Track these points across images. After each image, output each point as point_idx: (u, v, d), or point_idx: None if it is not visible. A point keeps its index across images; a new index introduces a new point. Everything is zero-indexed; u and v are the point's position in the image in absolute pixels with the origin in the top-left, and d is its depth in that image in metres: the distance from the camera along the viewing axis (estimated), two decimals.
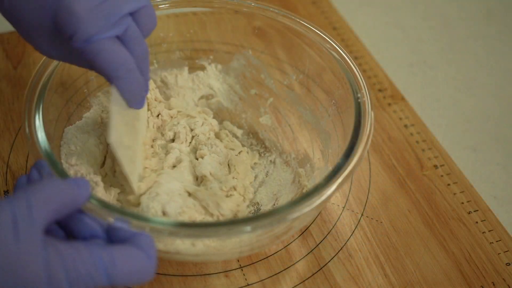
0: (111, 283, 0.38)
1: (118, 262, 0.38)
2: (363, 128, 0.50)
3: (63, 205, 0.39)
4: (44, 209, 0.37)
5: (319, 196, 0.46)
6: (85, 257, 0.37)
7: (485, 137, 0.70)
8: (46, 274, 0.35)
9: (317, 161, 0.59)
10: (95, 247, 0.38)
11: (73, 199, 0.40)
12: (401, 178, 0.63)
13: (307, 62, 0.60)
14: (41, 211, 0.36)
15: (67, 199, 0.39)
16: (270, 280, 0.54)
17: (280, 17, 0.59)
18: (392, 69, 0.76)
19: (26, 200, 0.36)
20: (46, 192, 0.37)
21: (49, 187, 0.38)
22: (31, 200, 0.36)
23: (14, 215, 0.35)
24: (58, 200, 0.38)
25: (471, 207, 0.61)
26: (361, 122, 0.51)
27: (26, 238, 0.35)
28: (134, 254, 0.39)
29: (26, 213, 0.36)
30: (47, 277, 0.35)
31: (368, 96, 0.53)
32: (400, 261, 0.56)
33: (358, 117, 0.51)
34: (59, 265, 0.36)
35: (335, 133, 0.56)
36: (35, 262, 0.35)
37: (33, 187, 0.37)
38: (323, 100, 0.59)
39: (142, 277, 0.39)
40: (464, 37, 0.83)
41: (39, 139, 0.48)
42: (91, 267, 0.37)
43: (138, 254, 0.39)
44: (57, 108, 0.54)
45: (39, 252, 0.35)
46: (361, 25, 0.82)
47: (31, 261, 0.35)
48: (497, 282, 0.56)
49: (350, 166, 0.48)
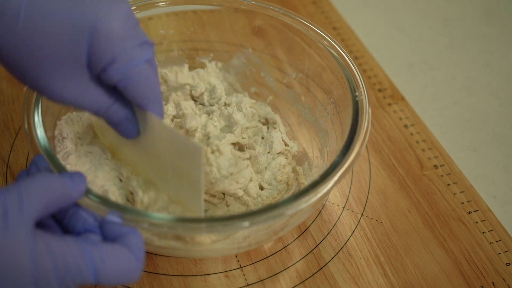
0: (97, 281, 0.38)
1: (108, 260, 0.38)
2: (360, 125, 0.51)
3: (55, 199, 0.39)
4: (35, 202, 0.37)
5: (316, 192, 0.46)
6: (75, 252, 0.37)
7: (485, 137, 0.70)
8: (33, 265, 0.35)
9: (315, 159, 0.59)
10: (86, 243, 0.38)
11: (66, 194, 0.40)
12: (401, 178, 0.63)
13: (307, 61, 0.60)
14: (31, 204, 0.36)
15: (59, 193, 0.39)
16: (270, 280, 0.54)
17: (280, 15, 0.59)
18: (392, 69, 0.76)
19: (17, 192, 0.36)
20: (38, 186, 0.38)
21: (42, 181, 0.38)
22: (22, 192, 0.36)
23: (4, 206, 0.35)
24: (49, 194, 0.38)
25: (471, 207, 0.61)
26: (358, 119, 0.51)
27: (14, 228, 0.35)
28: (124, 255, 0.39)
29: (17, 205, 0.36)
30: (35, 269, 0.35)
31: (365, 94, 0.53)
32: (400, 261, 0.56)
33: (356, 115, 0.52)
34: (48, 258, 0.36)
35: (333, 132, 0.57)
36: (22, 253, 0.35)
37: (26, 180, 0.38)
38: (322, 98, 0.59)
39: (128, 277, 0.39)
40: (464, 37, 0.83)
41: (38, 135, 0.48)
42: (80, 262, 0.37)
43: (128, 255, 0.39)
44: (57, 106, 0.54)
45: (27, 244, 0.35)
46: (361, 25, 0.82)
47: (19, 252, 0.35)
48: (497, 282, 0.55)
49: (347, 163, 0.48)
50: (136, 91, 0.43)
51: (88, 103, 0.43)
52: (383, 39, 0.82)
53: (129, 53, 0.42)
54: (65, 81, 0.42)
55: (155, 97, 0.45)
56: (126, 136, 0.47)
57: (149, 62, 0.43)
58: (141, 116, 0.46)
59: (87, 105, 0.44)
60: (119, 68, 0.41)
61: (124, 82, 0.42)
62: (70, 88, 0.42)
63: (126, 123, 0.46)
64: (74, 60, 0.41)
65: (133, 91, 0.43)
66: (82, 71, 0.42)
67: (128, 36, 0.41)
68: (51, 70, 0.41)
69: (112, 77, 0.42)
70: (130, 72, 0.42)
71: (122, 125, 0.46)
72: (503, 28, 0.85)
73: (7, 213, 0.35)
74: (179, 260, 0.55)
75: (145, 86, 0.43)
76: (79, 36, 0.40)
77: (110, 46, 0.41)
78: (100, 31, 0.40)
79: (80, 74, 0.42)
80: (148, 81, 0.43)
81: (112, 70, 0.42)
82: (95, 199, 0.43)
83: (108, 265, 0.38)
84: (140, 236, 0.41)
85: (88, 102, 0.43)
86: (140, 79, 0.43)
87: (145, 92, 0.44)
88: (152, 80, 0.44)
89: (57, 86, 0.42)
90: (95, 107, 0.44)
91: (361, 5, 0.87)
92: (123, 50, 0.41)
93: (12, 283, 0.35)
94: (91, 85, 0.43)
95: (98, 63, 0.41)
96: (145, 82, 0.43)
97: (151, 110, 0.45)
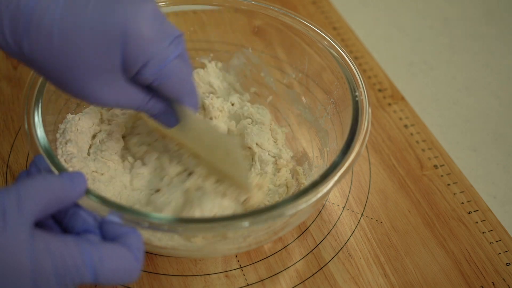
0: (96, 281, 0.38)
1: (107, 260, 0.38)
2: (360, 125, 0.51)
3: (54, 199, 0.39)
4: (34, 202, 0.37)
5: (316, 192, 0.46)
6: (74, 252, 0.37)
7: (485, 137, 0.70)
8: (32, 265, 0.35)
9: (316, 159, 0.59)
10: (85, 243, 0.38)
11: (66, 194, 0.40)
12: (401, 178, 0.63)
13: (307, 61, 0.60)
14: (30, 204, 0.37)
15: (59, 194, 0.39)
16: (270, 280, 0.54)
17: (280, 15, 0.59)
18: (392, 69, 0.76)
19: (16, 193, 0.36)
20: (37, 186, 0.38)
21: (41, 181, 0.38)
22: (21, 193, 0.37)
23: (3, 206, 0.36)
24: (49, 195, 0.38)
25: (471, 207, 0.61)
26: (358, 119, 0.51)
27: (13, 229, 0.35)
28: (123, 255, 0.39)
29: (15, 205, 0.36)
30: (33, 269, 0.35)
31: (365, 94, 0.53)
32: (400, 261, 0.56)
33: (356, 115, 0.51)
34: (47, 257, 0.36)
35: (333, 132, 0.56)
36: (21, 252, 0.35)
37: (25, 181, 0.38)
38: (322, 99, 0.59)
39: (127, 277, 0.39)
40: (464, 37, 0.83)
41: (38, 135, 0.48)
42: (79, 262, 0.37)
43: (127, 255, 0.39)
44: (57, 106, 0.54)
45: (26, 243, 0.35)
46: (361, 25, 0.82)
47: (18, 251, 0.35)
48: (497, 282, 0.55)
49: (347, 163, 0.48)
50: (170, 87, 0.45)
51: (127, 102, 0.46)
52: (383, 39, 0.82)
53: (160, 54, 0.42)
54: (104, 86, 0.43)
55: (188, 90, 0.47)
56: (165, 126, 0.50)
57: (180, 56, 0.44)
58: (178, 107, 0.48)
59: (126, 105, 0.46)
60: (152, 70, 0.43)
61: (158, 81, 0.44)
62: (109, 91, 0.44)
63: (164, 115, 0.49)
64: (110, 66, 0.42)
65: (167, 88, 0.45)
66: (118, 75, 0.43)
67: (158, 36, 0.42)
68: (89, 78, 0.43)
69: (146, 79, 0.44)
70: (163, 71, 0.43)
71: (160, 117, 0.49)
72: (503, 28, 0.85)
73: (6, 213, 0.35)
74: (179, 260, 0.55)
75: (177, 81, 0.45)
76: (112, 43, 0.41)
77: (142, 49, 0.42)
78: (131, 36, 0.41)
79: (117, 78, 0.43)
80: (180, 76, 0.45)
81: (146, 72, 0.43)
82: (95, 199, 0.43)
83: (106, 265, 0.38)
84: (140, 236, 0.41)
85: (127, 101, 0.46)
86: (172, 76, 0.44)
87: (178, 87, 0.45)
88: (184, 73, 0.45)
89: (96, 92, 0.43)
90: (133, 105, 0.46)
91: (361, 5, 0.87)
92: (154, 51, 0.42)
93: (11, 283, 0.35)
94: (128, 86, 0.45)
95: (132, 67, 0.43)
96: (177, 77, 0.45)
97: (185, 103, 0.47)
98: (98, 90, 0.43)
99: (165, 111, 0.49)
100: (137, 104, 0.46)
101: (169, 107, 0.49)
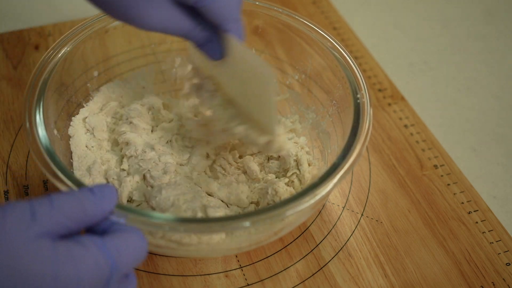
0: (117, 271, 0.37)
1: (122, 248, 0.38)
2: (361, 127, 0.51)
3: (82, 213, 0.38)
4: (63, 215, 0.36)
5: (317, 193, 0.46)
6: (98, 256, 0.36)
7: (485, 137, 0.70)
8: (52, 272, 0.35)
9: (317, 161, 0.59)
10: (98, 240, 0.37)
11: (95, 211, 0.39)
12: (401, 178, 0.63)
13: (308, 62, 0.60)
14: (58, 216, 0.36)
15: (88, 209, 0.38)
16: (270, 280, 0.54)
17: (281, 15, 0.59)
18: (392, 69, 0.76)
19: (49, 202, 0.36)
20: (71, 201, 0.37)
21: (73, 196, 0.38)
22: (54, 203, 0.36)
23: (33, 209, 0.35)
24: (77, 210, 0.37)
25: (471, 207, 0.61)
26: (359, 121, 0.51)
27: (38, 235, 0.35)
28: (131, 237, 0.39)
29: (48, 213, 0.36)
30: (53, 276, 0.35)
31: (367, 96, 0.53)
32: (400, 261, 0.56)
33: (357, 117, 0.51)
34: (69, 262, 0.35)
35: (334, 133, 0.56)
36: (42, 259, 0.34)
37: (59, 195, 0.37)
38: (324, 100, 0.59)
39: (140, 256, 0.39)
40: (464, 37, 0.83)
41: (40, 135, 0.48)
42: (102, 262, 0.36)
43: (134, 236, 0.39)
44: (57, 106, 0.54)
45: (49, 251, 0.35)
46: (361, 25, 0.82)
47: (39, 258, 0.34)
48: (497, 282, 0.55)
49: (348, 164, 0.48)
50: (215, 10, 0.45)
51: (175, 27, 0.47)
52: (383, 39, 0.82)
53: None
54: (152, 9, 0.45)
55: (233, 17, 0.47)
56: (211, 57, 0.50)
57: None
58: (224, 39, 0.48)
59: (173, 30, 0.47)
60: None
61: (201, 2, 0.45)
62: (157, 15, 0.45)
63: (210, 45, 0.49)
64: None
65: (212, 10, 0.45)
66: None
67: None
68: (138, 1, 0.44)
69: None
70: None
71: (206, 46, 0.49)
72: (503, 28, 0.85)
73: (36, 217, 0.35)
74: (179, 260, 0.55)
75: (222, 5, 0.45)
76: None
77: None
78: None
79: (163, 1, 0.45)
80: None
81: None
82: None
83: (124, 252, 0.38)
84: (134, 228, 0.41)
85: (174, 26, 0.46)
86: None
87: (223, 11, 0.46)
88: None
89: (145, 16, 0.45)
90: (181, 31, 0.47)
91: (361, 5, 0.87)
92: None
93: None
94: (175, 9, 0.46)
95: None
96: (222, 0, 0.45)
97: (229, 30, 0.47)
98: (144, 12, 0.44)
99: (211, 41, 0.49)
100: (184, 30, 0.47)
101: (215, 38, 0.49)
